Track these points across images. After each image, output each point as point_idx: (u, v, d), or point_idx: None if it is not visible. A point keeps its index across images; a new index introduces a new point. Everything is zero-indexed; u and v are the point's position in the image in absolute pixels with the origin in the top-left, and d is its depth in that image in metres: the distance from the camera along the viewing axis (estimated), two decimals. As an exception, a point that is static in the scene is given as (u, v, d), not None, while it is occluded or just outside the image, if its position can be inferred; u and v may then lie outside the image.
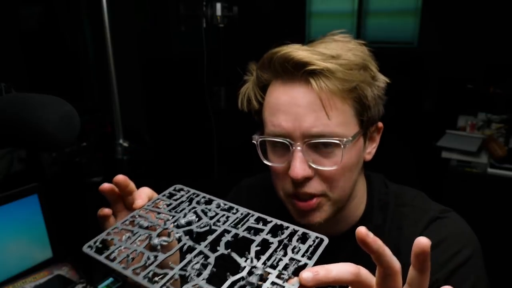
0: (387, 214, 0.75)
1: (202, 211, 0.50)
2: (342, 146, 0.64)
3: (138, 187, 0.58)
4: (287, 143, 0.65)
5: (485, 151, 2.28)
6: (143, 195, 0.55)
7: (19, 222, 1.15)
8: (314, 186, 0.66)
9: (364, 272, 0.39)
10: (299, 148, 0.64)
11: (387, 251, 0.39)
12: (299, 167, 0.64)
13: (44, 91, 0.45)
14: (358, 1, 3.82)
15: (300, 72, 0.64)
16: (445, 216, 0.73)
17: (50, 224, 1.21)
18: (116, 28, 1.44)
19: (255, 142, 0.71)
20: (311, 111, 0.64)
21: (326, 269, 0.38)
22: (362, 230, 0.39)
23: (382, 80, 0.70)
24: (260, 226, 0.47)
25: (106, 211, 0.57)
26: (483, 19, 3.14)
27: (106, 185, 0.57)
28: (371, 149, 0.75)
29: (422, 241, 0.37)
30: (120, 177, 0.56)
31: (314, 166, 0.65)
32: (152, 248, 0.45)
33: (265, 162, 0.71)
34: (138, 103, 3.52)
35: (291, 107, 0.65)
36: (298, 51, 0.64)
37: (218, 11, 2.02)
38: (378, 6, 3.83)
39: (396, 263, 0.39)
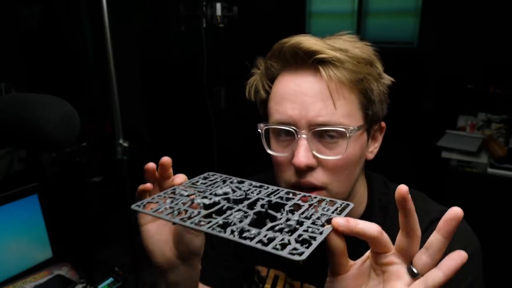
0: (387, 214, 0.75)
1: (236, 187, 0.54)
2: (347, 135, 0.64)
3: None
4: (292, 131, 0.66)
5: (485, 151, 2.28)
6: (181, 176, 0.59)
7: (19, 222, 1.15)
8: (316, 177, 0.66)
9: (385, 235, 0.44)
10: (304, 136, 0.65)
11: (415, 215, 0.43)
12: (303, 155, 0.64)
13: (44, 91, 0.45)
14: (358, 1, 3.82)
15: (309, 61, 0.65)
16: None
17: (50, 224, 1.21)
18: (116, 28, 1.44)
19: (260, 130, 0.71)
20: (318, 100, 0.64)
21: (355, 220, 0.43)
22: (404, 187, 0.42)
23: (387, 78, 0.71)
24: (290, 196, 0.52)
25: (148, 185, 0.59)
26: (483, 19, 3.14)
27: (151, 164, 0.60)
28: (373, 148, 0.75)
29: (457, 210, 0.41)
30: (166, 159, 0.59)
31: (318, 155, 0.65)
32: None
33: (269, 151, 0.71)
34: (138, 103, 3.52)
35: (298, 95, 0.65)
36: (308, 40, 0.65)
37: (218, 11, 2.01)
38: (378, 6, 3.83)
39: (419, 229, 0.44)
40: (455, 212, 0.41)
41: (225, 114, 2.27)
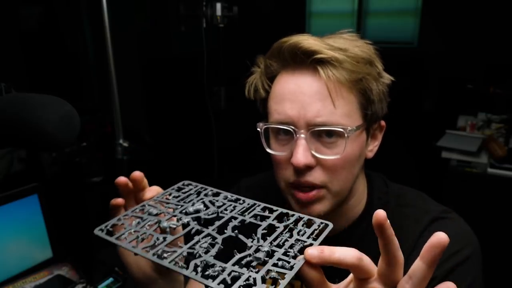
0: (387, 213, 0.75)
1: (210, 201, 0.52)
2: (345, 135, 0.65)
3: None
4: (291, 130, 0.66)
5: (485, 151, 2.28)
6: (153, 189, 0.58)
7: (19, 222, 1.15)
8: (315, 176, 0.66)
9: (366, 259, 0.40)
10: (302, 136, 0.65)
11: (395, 241, 0.40)
12: (302, 154, 0.64)
13: (44, 91, 0.45)
14: (358, 1, 3.82)
15: (308, 60, 0.65)
16: (446, 217, 0.73)
17: (50, 224, 1.21)
18: (116, 28, 1.44)
19: (259, 129, 0.71)
20: (317, 100, 0.64)
21: (331, 249, 0.39)
22: (382, 212, 0.39)
23: (387, 77, 0.71)
24: (266, 213, 0.49)
25: (119, 200, 0.59)
26: (483, 19, 3.14)
27: (122, 179, 0.59)
28: (373, 147, 0.75)
29: (442, 236, 0.37)
30: (137, 174, 0.59)
31: (316, 155, 0.66)
32: (161, 231, 0.46)
33: (268, 150, 0.71)
34: (138, 103, 3.52)
35: (297, 95, 0.65)
36: (307, 40, 0.65)
37: (218, 11, 2.01)
38: (378, 6, 3.83)
39: (401, 255, 0.40)
40: (438, 238, 0.37)
41: (225, 114, 2.27)
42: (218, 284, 0.36)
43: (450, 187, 2.31)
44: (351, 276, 0.43)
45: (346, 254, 0.39)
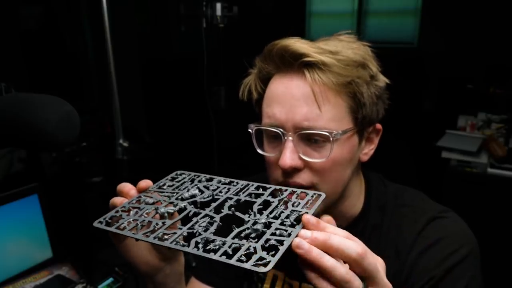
0: (386, 214, 0.75)
1: (204, 186, 0.53)
2: (331, 139, 0.65)
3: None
4: (279, 133, 0.67)
5: (485, 151, 2.28)
6: (147, 180, 0.57)
7: (19, 222, 1.15)
8: (303, 177, 0.67)
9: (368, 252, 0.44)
10: (290, 138, 0.66)
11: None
12: (289, 156, 0.65)
13: (44, 91, 0.45)
14: (358, 1, 3.82)
15: (296, 63, 0.65)
16: (444, 216, 0.73)
17: (50, 224, 1.21)
18: (116, 28, 1.44)
19: (250, 131, 0.72)
20: (304, 104, 0.65)
21: (327, 219, 0.44)
22: (298, 242, 0.42)
23: (382, 80, 0.71)
24: (260, 191, 0.50)
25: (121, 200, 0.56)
26: (484, 19, 3.14)
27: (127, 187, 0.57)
28: (368, 150, 0.75)
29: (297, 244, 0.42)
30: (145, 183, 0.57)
31: (304, 157, 0.66)
32: (160, 218, 0.47)
33: (259, 151, 0.72)
34: (138, 103, 3.52)
35: (286, 98, 0.66)
36: (296, 43, 0.65)
37: (218, 11, 2.01)
38: (378, 6, 3.83)
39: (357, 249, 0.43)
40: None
41: (225, 114, 2.27)
42: (220, 256, 0.37)
43: (450, 187, 2.31)
44: None
45: (339, 231, 0.43)
